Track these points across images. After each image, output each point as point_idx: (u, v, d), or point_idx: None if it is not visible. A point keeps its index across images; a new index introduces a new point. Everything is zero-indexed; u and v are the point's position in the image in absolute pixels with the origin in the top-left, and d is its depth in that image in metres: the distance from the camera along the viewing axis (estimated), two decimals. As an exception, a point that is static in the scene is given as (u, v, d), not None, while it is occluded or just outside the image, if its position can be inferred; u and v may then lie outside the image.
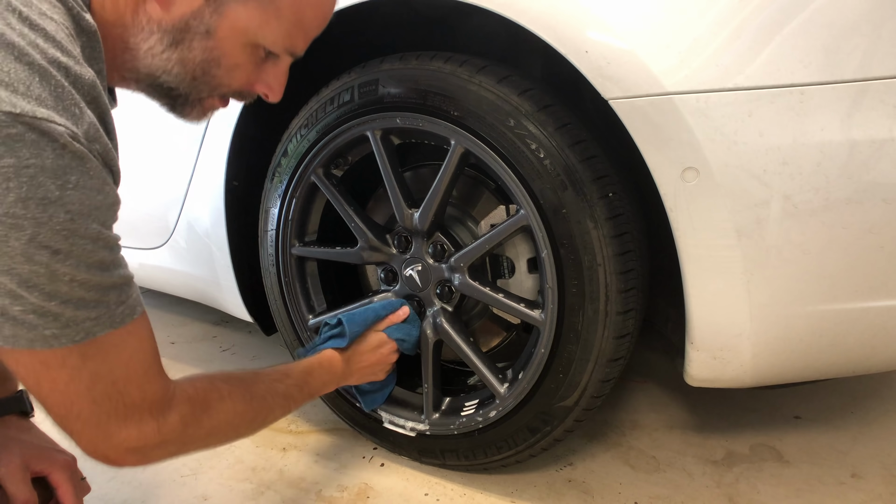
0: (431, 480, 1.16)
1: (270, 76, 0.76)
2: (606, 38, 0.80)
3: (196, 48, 0.68)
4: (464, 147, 0.98)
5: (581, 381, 0.97)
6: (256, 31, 0.70)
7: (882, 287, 0.81)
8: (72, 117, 0.56)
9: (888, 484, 1.10)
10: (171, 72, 0.69)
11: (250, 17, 0.69)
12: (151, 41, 0.67)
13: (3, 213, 0.52)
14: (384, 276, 1.20)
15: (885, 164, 0.74)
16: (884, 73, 0.72)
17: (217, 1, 0.67)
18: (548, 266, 0.95)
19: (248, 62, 0.73)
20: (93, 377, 0.63)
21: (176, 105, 0.74)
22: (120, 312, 0.63)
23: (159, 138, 1.34)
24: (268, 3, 0.69)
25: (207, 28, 0.68)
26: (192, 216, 1.33)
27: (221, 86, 0.73)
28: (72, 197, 0.55)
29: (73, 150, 0.55)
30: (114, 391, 0.66)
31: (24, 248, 0.53)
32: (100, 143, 0.60)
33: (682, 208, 0.82)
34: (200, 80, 0.71)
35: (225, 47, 0.70)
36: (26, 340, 0.58)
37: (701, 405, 1.38)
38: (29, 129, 0.52)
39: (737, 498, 1.08)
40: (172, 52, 0.68)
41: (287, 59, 0.76)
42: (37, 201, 0.53)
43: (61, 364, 0.61)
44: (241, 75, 0.73)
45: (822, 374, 0.95)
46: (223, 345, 1.82)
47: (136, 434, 0.68)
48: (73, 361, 0.61)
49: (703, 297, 0.85)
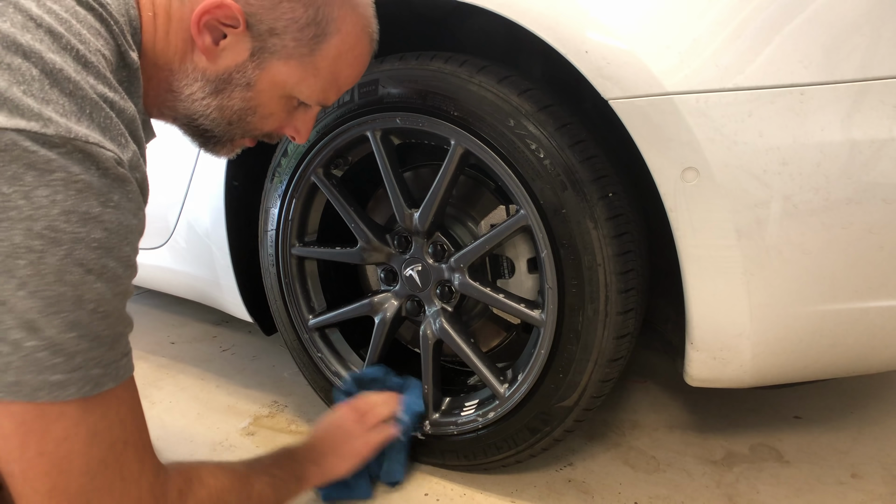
0: (431, 480, 1.16)
1: (300, 122, 0.81)
2: (606, 38, 0.80)
3: (235, 98, 0.72)
4: (464, 147, 0.98)
5: (581, 381, 0.97)
6: (294, 86, 0.74)
7: (882, 287, 0.81)
8: (118, 146, 0.58)
9: (888, 484, 1.10)
10: (208, 116, 0.73)
11: (290, 73, 0.73)
12: (194, 87, 0.71)
13: (46, 227, 0.53)
14: (384, 277, 1.20)
15: (885, 165, 0.74)
16: (884, 73, 0.72)
17: (261, 58, 0.71)
18: (548, 266, 0.95)
19: (282, 111, 0.77)
20: (91, 436, 0.58)
21: (208, 144, 0.79)
22: (124, 365, 0.62)
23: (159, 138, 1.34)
24: (308, 63, 0.73)
25: (249, 81, 0.72)
26: (192, 216, 1.33)
27: (254, 130, 0.78)
28: (111, 216, 0.57)
29: (118, 173, 0.58)
30: (114, 456, 0.61)
31: (59, 265, 0.53)
32: (140, 171, 0.63)
33: (682, 208, 0.82)
34: (236, 125, 0.75)
35: (262, 98, 0.74)
36: (30, 389, 0.54)
37: (701, 405, 1.38)
38: (80, 151, 0.54)
39: (737, 498, 1.08)
40: (213, 99, 0.72)
41: (317, 108, 0.81)
42: (79, 215, 0.54)
43: (58, 416, 0.56)
44: (273, 122, 0.78)
45: (821, 374, 0.94)
46: (223, 345, 1.82)
47: None
48: (73, 414, 0.57)
49: (703, 298, 0.85)
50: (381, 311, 1.20)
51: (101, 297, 0.57)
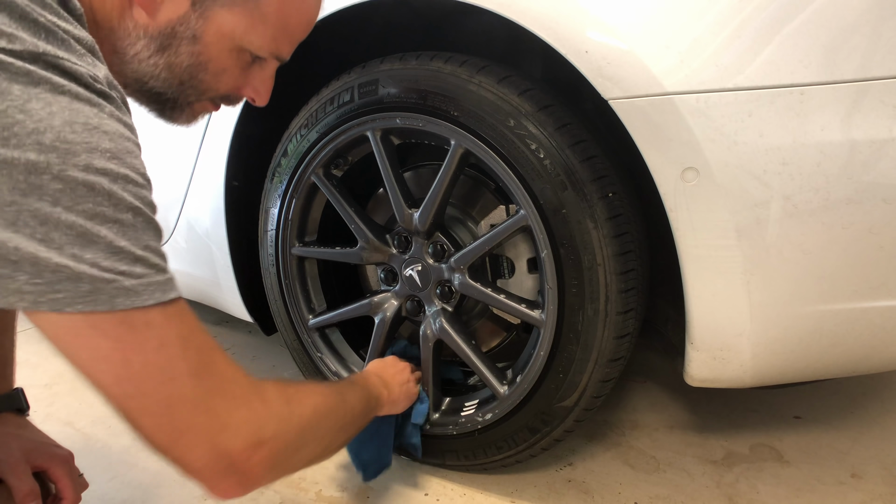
0: (431, 480, 1.16)
1: (257, 80, 0.77)
2: (606, 38, 0.80)
3: (183, 53, 0.69)
4: (464, 147, 0.98)
5: (581, 381, 0.97)
6: (242, 35, 0.71)
7: (882, 287, 0.81)
8: (87, 64, 0.56)
9: (888, 484, 1.10)
10: (158, 77, 0.70)
11: (236, 22, 0.70)
12: (138, 46, 0.68)
13: (55, 139, 0.50)
14: (384, 277, 1.20)
15: (885, 165, 0.74)
16: (884, 74, 0.72)
17: (203, 6, 0.68)
18: (548, 266, 0.95)
19: (235, 66, 0.74)
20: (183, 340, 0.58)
21: (165, 110, 0.75)
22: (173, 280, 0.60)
23: (159, 138, 1.34)
24: (253, 8, 0.70)
25: (194, 33, 0.68)
26: (192, 216, 1.33)
27: (209, 90, 0.74)
28: (110, 126, 0.54)
29: (98, 88, 0.55)
30: (208, 360, 0.60)
31: (84, 177, 0.51)
32: (118, 91, 0.59)
33: (682, 208, 0.81)
34: (188, 84, 0.72)
35: (212, 52, 0.70)
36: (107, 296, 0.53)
37: (701, 405, 1.38)
38: (53, 67, 0.52)
39: (737, 498, 1.08)
40: (160, 57, 0.69)
41: (273, 63, 0.77)
42: (81, 125, 0.52)
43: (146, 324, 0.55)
44: (228, 80, 0.74)
45: (822, 374, 0.94)
46: (223, 345, 1.81)
47: (248, 414, 0.61)
48: (158, 320, 0.56)
49: (703, 297, 0.85)
50: (381, 311, 1.20)
51: (134, 206, 0.55)
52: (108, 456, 1.26)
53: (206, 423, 0.59)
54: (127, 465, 1.22)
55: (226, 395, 0.61)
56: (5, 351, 0.95)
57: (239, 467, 0.61)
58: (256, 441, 0.62)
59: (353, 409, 0.85)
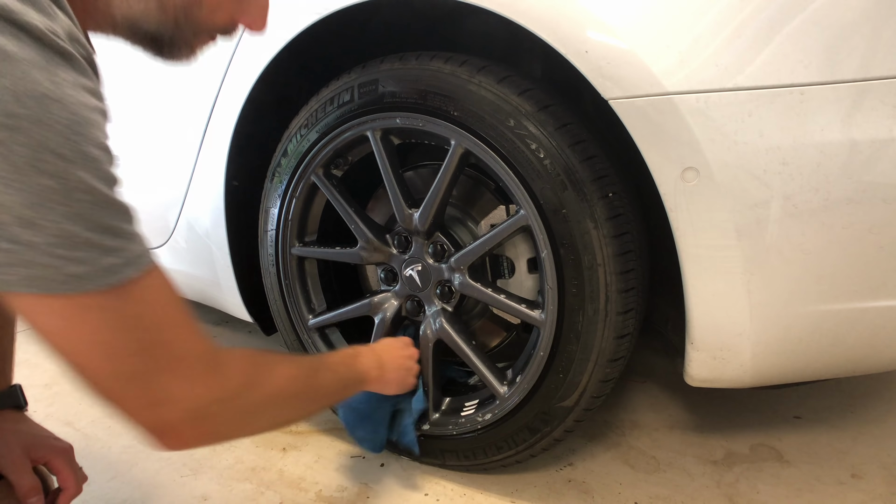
0: (431, 480, 1.16)
1: (253, 7, 0.75)
2: (606, 38, 0.80)
3: None
4: (464, 147, 0.98)
5: (581, 381, 0.97)
6: None
7: (882, 287, 0.81)
8: (47, 16, 0.52)
9: (888, 484, 1.10)
10: (150, 18, 0.67)
11: None
12: None
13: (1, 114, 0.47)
14: (384, 277, 1.20)
15: (885, 165, 0.74)
16: (884, 73, 0.72)
17: None
18: (548, 266, 0.95)
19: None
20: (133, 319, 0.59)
21: (163, 50, 0.71)
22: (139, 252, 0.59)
23: (159, 138, 1.34)
24: None
25: None
26: (192, 216, 1.33)
27: (206, 26, 0.72)
28: (66, 93, 0.51)
29: (56, 45, 0.51)
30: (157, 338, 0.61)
31: (30, 155, 0.49)
32: (82, 46, 0.55)
33: (682, 208, 0.82)
34: (184, 23, 0.69)
35: None
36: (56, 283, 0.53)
37: (701, 405, 1.38)
38: (5, 21, 0.48)
39: (737, 498, 1.08)
40: None
41: None
42: (29, 95, 0.48)
43: (96, 306, 0.56)
44: (224, 12, 0.72)
45: (822, 374, 0.95)
46: (223, 345, 1.82)
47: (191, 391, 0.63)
48: (109, 303, 0.57)
49: (703, 297, 0.85)
50: (381, 311, 1.20)
51: (87, 186, 0.53)
52: (107, 456, 1.26)
53: (145, 397, 0.62)
54: (127, 464, 1.22)
55: (172, 371, 0.62)
56: (4, 347, 0.95)
57: (172, 435, 0.65)
58: (195, 416, 0.64)
59: (322, 388, 0.87)
